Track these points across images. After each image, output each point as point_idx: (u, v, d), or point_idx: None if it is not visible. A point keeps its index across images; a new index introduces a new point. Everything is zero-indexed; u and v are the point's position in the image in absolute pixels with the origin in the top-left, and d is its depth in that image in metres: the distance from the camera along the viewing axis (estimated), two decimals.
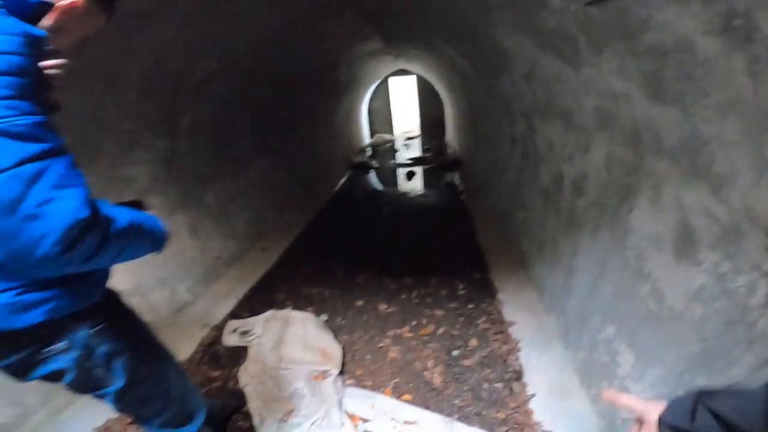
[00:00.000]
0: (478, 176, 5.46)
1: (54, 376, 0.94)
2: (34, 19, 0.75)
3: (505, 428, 1.73)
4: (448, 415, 1.83)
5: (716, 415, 0.59)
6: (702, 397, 0.63)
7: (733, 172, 1.04)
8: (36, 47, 0.70)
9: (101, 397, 1.03)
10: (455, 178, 6.60)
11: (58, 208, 0.66)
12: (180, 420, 1.18)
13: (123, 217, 0.82)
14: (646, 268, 1.48)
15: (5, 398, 1.69)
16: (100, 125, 2.24)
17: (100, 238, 0.73)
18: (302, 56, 4.17)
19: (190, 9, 2.31)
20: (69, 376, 0.94)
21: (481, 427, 1.74)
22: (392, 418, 1.82)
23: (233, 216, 3.60)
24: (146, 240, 0.91)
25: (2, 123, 0.62)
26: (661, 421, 0.66)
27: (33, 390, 1.77)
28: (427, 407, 1.88)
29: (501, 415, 1.80)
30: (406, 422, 1.78)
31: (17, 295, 0.79)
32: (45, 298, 0.82)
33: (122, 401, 1.04)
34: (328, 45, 4.41)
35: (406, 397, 1.96)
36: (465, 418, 1.81)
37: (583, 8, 1.43)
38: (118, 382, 0.99)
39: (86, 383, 0.97)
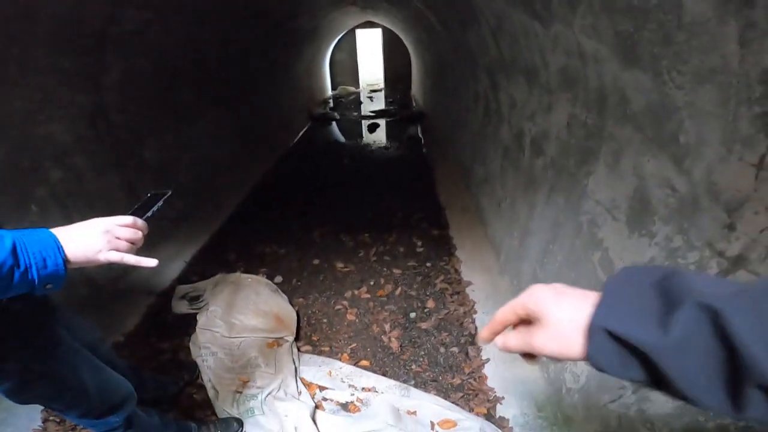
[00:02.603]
0: (441, 130, 5.34)
1: None
2: None
3: (460, 394, 1.74)
4: (405, 381, 1.83)
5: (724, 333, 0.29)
6: (684, 293, 0.33)
7: (700, 143, 0.98)
8: None
9: None
10: (419, 131, 6.48)
11: None
12: (100, 412, 1.14)
13: None
14: (598, 236, 1.46)
15: None
16: (4, 83, 1.93)
17: None
18: (256, 3, 3.77)
19: None
20: None
21: (437, 393, 1.75)
22: (350, 385, 1.80)
23: (178, 172, 3.32)
24: None
25: None
26: (593, 328, 0.36)
27: None
28: (384, 373, 1.87)
29: (456, 381, 1.81)
30: (363, 389, 1.77)
31: None
32: None
33: (19, 397, 1.01)
34: None
35: (364, 363, 1.94)
36: (422, 384, 1.81)
37: None
38: (6, 384, 0.96)
39: None
